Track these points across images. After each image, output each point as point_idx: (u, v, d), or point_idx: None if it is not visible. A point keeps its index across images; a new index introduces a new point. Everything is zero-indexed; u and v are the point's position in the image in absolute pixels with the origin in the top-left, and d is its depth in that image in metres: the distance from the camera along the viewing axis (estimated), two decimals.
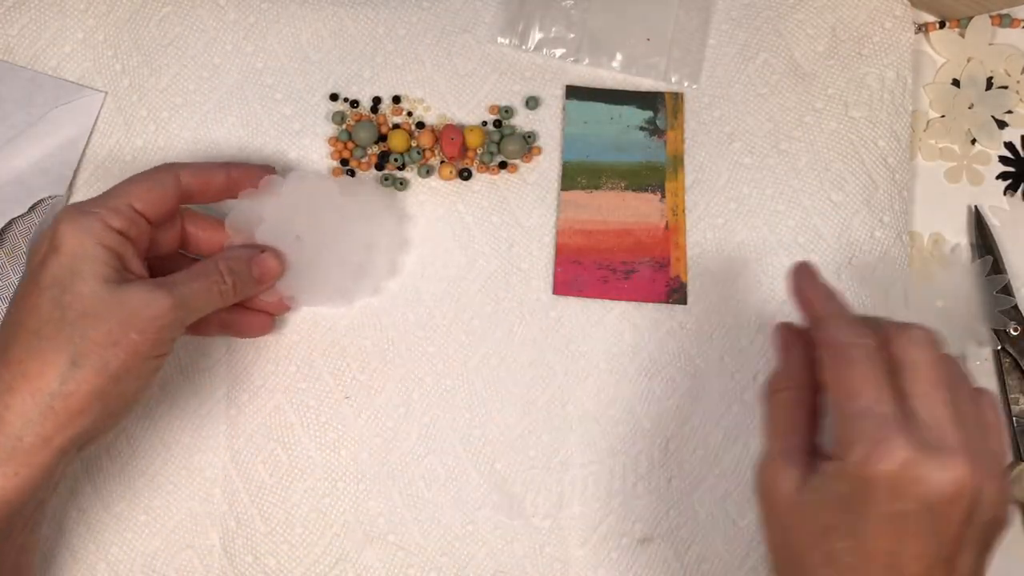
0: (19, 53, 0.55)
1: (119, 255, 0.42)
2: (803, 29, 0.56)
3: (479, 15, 0.56)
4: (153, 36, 0.55)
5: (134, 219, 0.44)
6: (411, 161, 0.54)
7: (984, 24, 0.57)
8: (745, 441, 0.51)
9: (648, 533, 0.50)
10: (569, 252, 0.53)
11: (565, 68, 0.56)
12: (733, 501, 0.51)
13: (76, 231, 0.42)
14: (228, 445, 0.51)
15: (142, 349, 0.41)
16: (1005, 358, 0.53)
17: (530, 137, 0.54)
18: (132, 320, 0.40)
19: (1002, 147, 0.56)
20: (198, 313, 0.44)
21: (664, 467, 0.51)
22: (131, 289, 0.41)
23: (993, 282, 0.53)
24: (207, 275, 0.44)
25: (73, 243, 0.41)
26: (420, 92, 0.55)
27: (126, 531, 0.50)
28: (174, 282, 0.43)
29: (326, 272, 0.49)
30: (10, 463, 0.39)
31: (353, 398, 0.51)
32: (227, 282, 0.45)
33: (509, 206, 0.54)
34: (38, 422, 0.39)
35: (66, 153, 0.54)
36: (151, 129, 0.54)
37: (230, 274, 0.45)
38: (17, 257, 0.52)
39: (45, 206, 0.53)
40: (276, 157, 0.54)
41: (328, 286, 0.50)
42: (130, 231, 0.43)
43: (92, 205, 0.43)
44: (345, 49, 0.55)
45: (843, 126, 0.55)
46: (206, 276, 0.44)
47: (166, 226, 0.47)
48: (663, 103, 0.55)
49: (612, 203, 0.54)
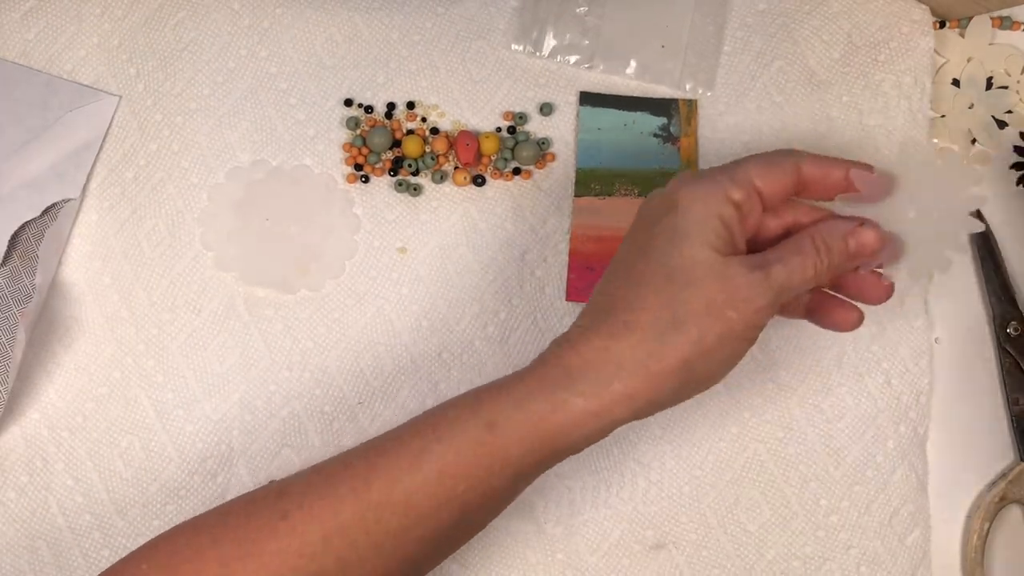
0: (35, 57, 0.55)
1: (730, 229, 0.41)
2: (818, 36, 0.55)
3: (493, 21, 0.56)
4: (168, 41, 0.55)
5: (751, 194, 0.42)
6: (425, 167, 0.54)
7: (984, 24, 0.57)
8: (755, 449, 0.51)
9: (660, 539, 0.50)
10: (583, 258, 0.53)
11: (579, 75, 0.56)
12: (743, 507, 0.51)
13: (695, 194, 0.41)
14: (243, 451, 0.51)
15: (736, 328, 0.39)
16: (1005, 358, 0.53)
17: (544, 143, 0.54)
18: (731, 297, 0.39)
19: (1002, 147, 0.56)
20: (791, 294, 0.41)
21: (675, 473, 0.51)
22: (733, 264, 0.40)
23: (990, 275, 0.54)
24: (802, 252, 0.41)
25: (692, 205, 0.40)
26: (434, 98, 0.55)
27: (139, 536, 0.50)
28: (770, 261, 0.41)
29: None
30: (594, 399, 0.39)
31: (367, 404, 0.52)
32: (823, 259, 0.42)
33: (523, 212, 0.54)
34: (631, 374, 0.39)
35: (80, 156, 0.54)
36: (165, 133, 0.54)
37: (826, 250, 0.42)
38: (30, 260, 0.52)
39: (58, 209, 0.53)
40: (290, 162, 0.54)
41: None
42: (745, 205, 0.42)
43: (714, 172, 0.42)
44: (359, 54, 0.55)
45: (858, 134, 0.54)
46: (801, 253, 0.41)
47: (775, 214, 0.44)
48: (677, 110, 0.55)
49: (626, 210, 0.54)
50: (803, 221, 0.44)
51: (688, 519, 0.51)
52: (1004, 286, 0.54)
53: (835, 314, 0.45)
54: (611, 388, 0.39)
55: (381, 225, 0.54)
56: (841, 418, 0.52)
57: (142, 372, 0.52)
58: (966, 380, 0.53)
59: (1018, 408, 0.52)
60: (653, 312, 0.39)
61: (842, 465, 0.51)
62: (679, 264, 0.40)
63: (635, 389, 0.39)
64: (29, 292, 0.52)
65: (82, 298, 0.52)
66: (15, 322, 0.52)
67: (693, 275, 0.39)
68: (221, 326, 0.52)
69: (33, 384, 0.51)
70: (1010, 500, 0.51)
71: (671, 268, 0.40)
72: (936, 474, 0.52)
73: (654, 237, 0.41)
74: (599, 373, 0.39)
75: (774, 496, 0.51)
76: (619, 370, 0.39)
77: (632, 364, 0.39)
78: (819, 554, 0.51)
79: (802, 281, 0.41)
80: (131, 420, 0.51)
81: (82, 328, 0.52)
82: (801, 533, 0.51)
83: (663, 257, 0.40)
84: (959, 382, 0.53)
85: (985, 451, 0.53)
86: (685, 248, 0.40)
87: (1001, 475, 0.52)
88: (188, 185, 0.54)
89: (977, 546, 0.51)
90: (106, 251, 0.53)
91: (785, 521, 0.51)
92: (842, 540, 0.51)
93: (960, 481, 0.52)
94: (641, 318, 0.39)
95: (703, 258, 0.40)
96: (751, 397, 0.52)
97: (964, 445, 0.53)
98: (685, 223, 0.40)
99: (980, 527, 0.51)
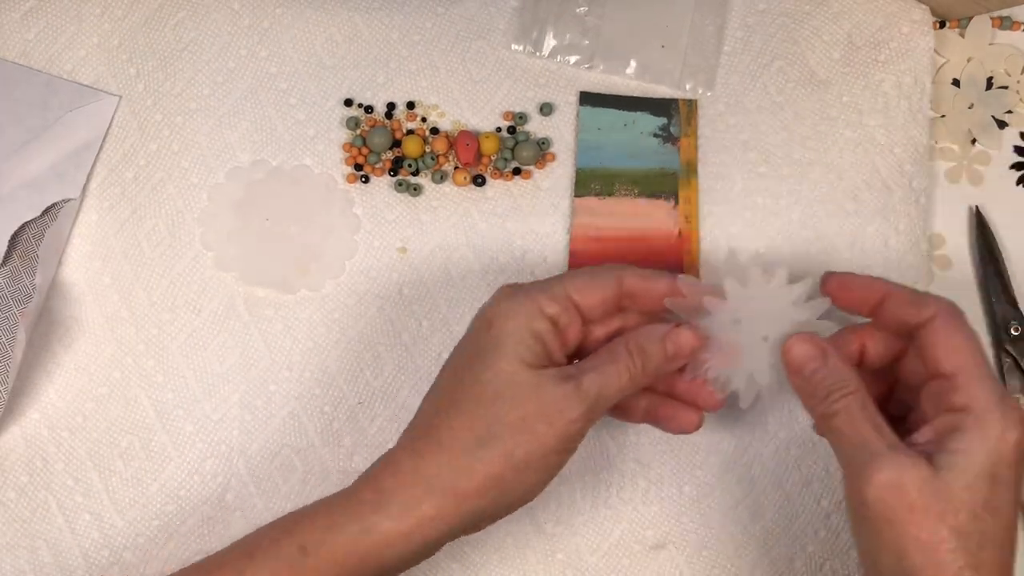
0: (35, 57, 0.55)
1: (545, 343, 0.42)
2: (819, 36, 0.55)
3: (493, 21, 0.56)
4: (168, 41, 0.55)
5: (568, 309, 0.43)
6: (425, 167, 0.54)
7: (984, 24, 0.57)
8: (757, 449, 0.51)
9: (660, 540, 0.50)
10: (582, 258, 0.53)
11: (579, 75, 0.56)
12: (745, 507, 0.51)
13: (509, 310, 0.42)
14: (243, 451, 0.51)
15: (548, 442, 0.40)
16: (1005, 358, 0.53)
17: (544, 143, 0.54)
18: (543, 411, 0.40)
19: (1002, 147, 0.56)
20: (607, 403, 0.42)
21: (676, 474, 0.51)
22: (546, 378, 0.41)
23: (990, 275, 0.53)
24: (615, 360, 0.42)
25: (505, 323, 0.41)
26: (434, 98, 0.55)
27: (139, 536, 0.50)
28: (583, 371, 0.41)
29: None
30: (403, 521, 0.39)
31: (367, 404, 0.52)
32: (636, 363, 0.42)
33: (522, 212, 0.54)
34: (439, 493, 0.39)
35: (80, 156, 0.54)
36: (165, 133, 0.54)
37: (639, 353, 0.42)
38: (30, 260, 0.52)
39: (58, 209, 0.53)
40: (290, 162, 0.54)
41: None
42: (561, 319, 0.42)
43: (531, 288, 0.43)
44: (359, 54, 0.55)
45: (858, 134, 0.54)
46: (615, 361, 0.42)
47: (601, 325, 0.45)
48: (677, 110, 0.55)
49: (625, 210, 0.54)
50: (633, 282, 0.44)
51: (689, 519, 0.51)
52: (1004, 286, 0.54)
53: (676, 417, 0.45)
54: (420, 510, 0.39)
55: (381, 225, 0.54)
56: None
57: (142, 372, 0.52)
58: None
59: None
60: (464, 430, 0.40)
61: None
62: (491, 380, 0.40)
63: (443, 510, 0.39)
64: (29, 292, 0.52)
65: (82, 298, 0.52)
66: (15, 322, 0.52)
67: (504, 391, 0.40)
68: (221, 326, 0.52)
69: (33, 384, 0.51)
70: None
71: (483, 385, 0.40)
72: None
73: (469, 356, 0.42)
74: (409, 494, 0.39)
75: (776, 496, 0.51)
76: (428, 491, 0.39)
77: (441, 484, 0.39)
78: (820, 554, 0.50)
79: (618, 388, 0.42)
80: (131, 420, 0.51)
81: (82, 328, 0.52)
82: (802, 534, 0.51)
83: (477, 375, 0.41)
84: None
85: None
86: (497, 364, 0.41)
87: None
88: (188, 185, 0.54)
89: None
90: (106, 251, 0.53)
91: (787, 522, 0.51)
92: (844, 540, 0.51)
93: None
94: (453, 436, 0.40)
95: (514, 373, 0.40)
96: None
97: None
98: (498, 340, 0.41)
99: None
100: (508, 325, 0.41)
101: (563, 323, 0.43)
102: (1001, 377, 0.53)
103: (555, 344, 0.42)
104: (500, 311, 0.42)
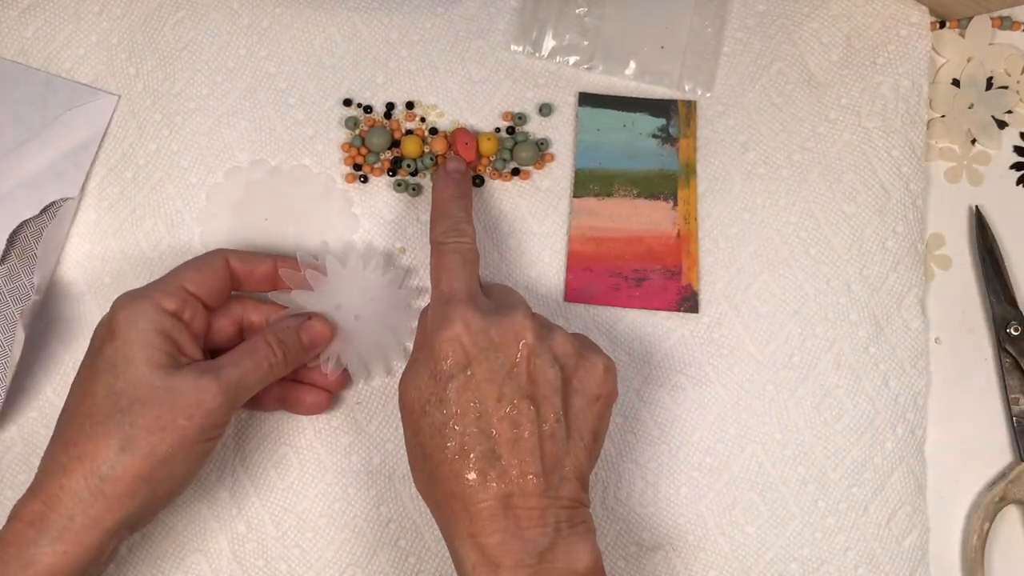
0: (33, 55, 0.55)
1: (173, 339, 0.43)
2: (818, 38, 0.55)
3: (493, 22, 0.56)
4: (167, 40, 0.55)
5: (187, 300, 0.45)
6: (424, 167, 0.54)
7: (984, 24, 0.57)
8: (753, 450, 0.51)
9: (657, 541, 0.50)
10: (581, 259, 0.53)
11: (578, 75, 0.56)
12: (741, 508, 0.51)
13: (130, 317, 0.43)
14: (238, 448, 0.51)
15: (189, 434, 0.42)
16: (1005, 358, 0.53)
17: (543, 144, 0.54)
18: (179, 406, 0.42)
19: (1001, 147, 0.56)
20: (249, 392, 0.45)
21: (673, 474, 0.51)
22: (180, 375, 0.42)
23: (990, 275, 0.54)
24: (255, 352, 0.45)
25: (128, 329, 0.43)
26: (433, 98, 0.55)
27: (138, 536, 0.50)
28: (222, 365, 0.44)
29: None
30: (60, 542, 0.40)
31: (365, 403, 0.52)
32: (277, 353, 0.45)
33: (521, 213, 0.54)
34: (89, 503, 0.40)
35: (79, 156, 0.54)
36: (164, 133, 0.54)
37: (279, 345, 0.46)
38: (29, 259, 0.52)
39: (57, 208, 0.53)
40: (289, 162, 0.54)
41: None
42: (183, 312, 0.44)
43: (146, 289, 0.45)
44: (359, 54, 0.55)
45: (856, 136, 0.54)
46: (254, 353, 0.45)
47: (223, 312, 0.48)
48: (676, 111, 0.55)
49: (624, 211, 0.54)
50: (251, 316, 0.48)
51: (685, 521, 0.51)
52: (1004, 286, 0.54)
53: (304, 400, 0.49)
54: (74, 524, 0.40)
55: (380, 225, 0.54)
56: (839, 420, 0.52)
57: None
58: (965, 380, 0.53)
59: (1018, 408, 0.52)
60: (103, 440, 0.41)
61: (840, 467, 0.51)
62: (124, 389, 0.42)
63: (98, 516, 0.40)
64: (27, 291, 0.52)
65: (81, 297, 0.52)
66: (13, 321, 0.52)
67: (139, 395, 0.41)
68: None
69: (31, 383, 0.51)
70: (1010, 500, 0.51)
71: (117, 395, 0.41)
72: (936, 474, 0.52)
73: (98, 369, 0.42)
74: (61, 513, 0.40)
75: (772, 498, 0.51)
76: (78, 503, 0.40)
77: (89, 494, 0.40)
78: (817, 556, 0.50)
79: (258, 377, 0.45)
80: None
81: (81, 327, 0.52)
82: (799, 535, 0.51)
83: (109, 386, 0.42)
84: (959, 382, 0.53)
85: (985, 451, 0.53)
86: (129, 373, 0.42)
87: (1001, 475, 0.52)
88: (187, 185, 0.54)
89: (977, 546, 0.51)
90: (105, 250, 0.53)
91: (783, 523, 0.51)
92: (840, 542, 0.51)
93: (959, 481, 0.52)
94: (92, 449, 0.41)
95: (148, 377, 0.42)
96: (749, 399, 0.52)
97: (964, 445, 0.53)
98: (125, 348, 0.42)
99: (980, 527, 0.51)
100: (131, 332, 0.43)
101: (187, 316, 0.45)
102: (1001, 377, 0.53)
103: (184, 338, 0.44)
104: (121, 319, 0.43)
